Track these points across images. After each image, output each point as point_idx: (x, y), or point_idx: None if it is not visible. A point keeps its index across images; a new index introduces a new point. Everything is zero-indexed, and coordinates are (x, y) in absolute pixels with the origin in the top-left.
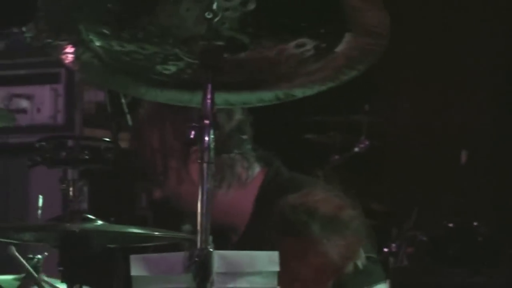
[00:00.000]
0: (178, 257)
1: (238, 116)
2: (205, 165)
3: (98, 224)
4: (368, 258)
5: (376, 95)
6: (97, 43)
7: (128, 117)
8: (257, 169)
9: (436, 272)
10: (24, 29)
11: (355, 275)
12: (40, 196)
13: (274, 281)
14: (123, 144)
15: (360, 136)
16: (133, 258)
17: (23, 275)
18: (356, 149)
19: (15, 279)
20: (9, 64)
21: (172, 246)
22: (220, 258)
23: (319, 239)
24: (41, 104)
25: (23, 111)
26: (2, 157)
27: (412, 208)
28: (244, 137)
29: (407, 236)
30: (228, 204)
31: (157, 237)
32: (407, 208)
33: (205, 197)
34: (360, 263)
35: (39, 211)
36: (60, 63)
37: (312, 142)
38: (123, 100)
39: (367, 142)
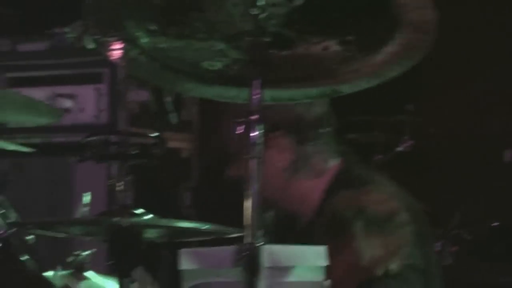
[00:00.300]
0: (227, 251)
1: (318, 108)
2: (253, 160)
3: (147, 218)
4: (408, 265)
5: (420, 95)
6: (144, 40)
7: (172, 116)
8: (333, 161)
9: (480, 271)
10: (67, 29)
11: (384, 279)
12: (88, 193)
13: (321, 276)
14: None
15: (404, 135)
16: (183, 252)
17: (69, 271)
18: (400, 149)
19: (61, 276)
20: (52, 64)
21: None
22: (268, 253)
23: (357, 238)
24: (84, 103)
25: (67, 110)
26: (46, 156)
27: (456, 207)
28: (324, 130)
29: (452, 235)
30: (299, 193)
31: (205, 231)
32: (451, 207)
33: (254, 192)
34: (394, 267)
35: (86, 208)
36: (103, 63)
37: (356, 141)
38: (167, 99)
39: (410, 142)
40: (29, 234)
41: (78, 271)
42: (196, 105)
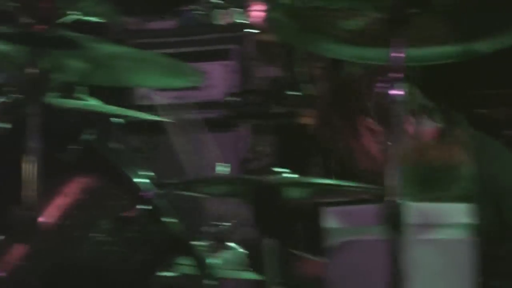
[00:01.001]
0: (371, 209)
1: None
2: (395, 118)
3: (291, 177)
4: None
5: None
6: (284, 0)
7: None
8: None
9: None
10: (194, 7)
11: None
12: (228, 165)
13: (466, 233)
14: None
15: None
16: (328, 210)
17: (211, 241)
18: None
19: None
20: (180, 41)
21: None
22: (414, 210)
23: None
24: (213, 80)
25: (196, 88)
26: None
27: None
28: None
29: None
30: None
31: (348, 190)
32: None
33: (394, 149)
34: None
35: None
36: (231, 39)
37: (484, 116)
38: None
39: None
40: (175, 195)
41: (220, 241)
42: (326, 81)
